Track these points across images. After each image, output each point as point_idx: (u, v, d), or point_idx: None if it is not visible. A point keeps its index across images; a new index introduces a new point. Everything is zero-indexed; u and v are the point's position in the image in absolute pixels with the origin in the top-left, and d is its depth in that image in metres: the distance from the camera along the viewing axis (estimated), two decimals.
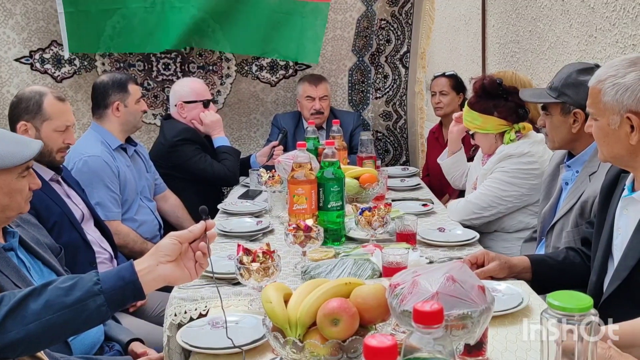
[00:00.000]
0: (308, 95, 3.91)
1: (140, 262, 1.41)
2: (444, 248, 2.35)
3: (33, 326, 1.31)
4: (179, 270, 1.43)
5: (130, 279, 1.37)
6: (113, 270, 1.41)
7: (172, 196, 3.51)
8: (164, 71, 4.10)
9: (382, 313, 1.37)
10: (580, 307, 1.10)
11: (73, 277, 1.39)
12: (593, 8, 2.97)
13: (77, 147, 2.94)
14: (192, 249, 1.46)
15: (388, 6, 4.14)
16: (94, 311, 1.34)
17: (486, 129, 2.83)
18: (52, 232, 2.29)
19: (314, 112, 3.90)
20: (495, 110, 2.79)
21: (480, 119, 2.82)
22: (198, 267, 1.46)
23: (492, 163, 2.80)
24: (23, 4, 3.80)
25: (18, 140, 1.82)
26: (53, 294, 1.34)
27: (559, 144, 2.37)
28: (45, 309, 1.32)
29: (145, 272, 1.39)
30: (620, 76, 1.64)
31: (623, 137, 1.67)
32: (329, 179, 2.35)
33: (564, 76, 2.28)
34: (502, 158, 2.76)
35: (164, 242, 1.43)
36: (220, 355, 1.55)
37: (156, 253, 1.42)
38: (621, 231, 1.77)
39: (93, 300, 1.34)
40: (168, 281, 1.42)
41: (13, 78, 3.86)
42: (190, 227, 1.46)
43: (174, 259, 1.42)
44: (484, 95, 2.80)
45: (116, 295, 1.36)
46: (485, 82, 2.80)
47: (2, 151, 1.73)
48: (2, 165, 1.73)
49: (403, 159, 4.41)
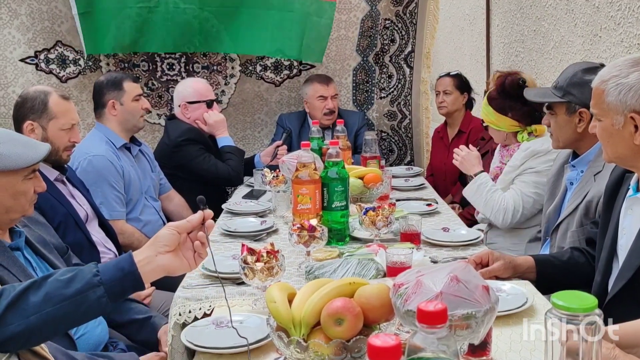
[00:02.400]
0: (320, 95, 3.89)
1: (139, 253, 1.41)
2: (448, 248, 2.35)
3: (34, 319, 1.32)
4: (177, 260, 1.43)
5: (129, 269, 1.38)
6: (112, 262, 1.41)
7: (177, 196, 3.52)
8: (169, 71, 4.11)
9: (386, 313, 1.37)
10: (585, 307, 1.09)
11: (72, 269, 1.39)
12: (598, 7, 2.96)
13: (81, 147, 2.95)
14: (190, 239, 1.46)
15: (392, 6, 4.13)
16: (94, 302, 1.35)
17: (499, 127, 2.86)
18: (57, 232, 2.30)
19: (327, 112, 3.90)
20: (510, 112, 2.79)
21: (495, 116, 2.84)
22: (197, 257, 1.47)
23: (519, 160, 2.78)
24: (28, 5, 3.81)
25: (26, 143, 1.82)
26: (53, 286, 1.35)
27: (563, 143, 2.36)
28: (46, 302, 1.33)
29: (144, 262, 1.39)
30: (624, 76, 1.64)
31: (627, 137, 1.66)
32: (333, 179, 2.35)
33: (569, 75, 2.27)
34: (529, 155, 2.74)
35: (163, 233, 1.43)
36: (224, 355, 1.55)
37: (155, 244, 1.42)
38: (626, 231, 1.76)
39: (93, 291, 1.34)
40: (167, 271, 1.42)
41: (18, 78, 3.87)
42: (188, 217, 1.46)
43: (172, 249, 1.43)
44: (502, 93, 2.80)
45: (116, 287, 1.36)
46: (506, 81, 2.79)
47: (10, 153, 1.74)
48: (8, 166, 1.74)
49: (407, 159, 4.41)
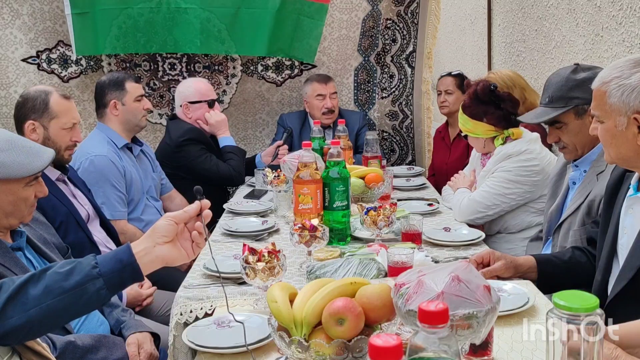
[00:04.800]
0: (319, 93, 3.90)
1: (137, 244, 1.42)
2: (449, 248, 2.35)
3: (34, 311, 1.32)
4: (176, 250, 1.44)
5: (128, 261, 1.38)
6: (110, 253, 1.41)
7: (178, 196, 3.52)
8: (170, 71, 4.11)
9: (388, 313, 1.37)
10: (586, 307, 1.09)
11: (71, 261, 1.40)
12: (599, 7, 2.95)
13: (83, 147, 2.96)
14: (187, 229, 1.46)
15: (394, 6, 4.14)
16: (94, 294, 1.35)
17: (476, 133, 2.88)
18: (59, 231, 2.30)
19: (326, 111, 3.90)
20: (484, 117, 2.80)
21: (471, 123, 2.85)
22: (195, 247, 1.47)
23: (492, 164, 2.81)
24: (30, 5, 3.81)
25: (29, 150, 1.80)
26: (52, 279, 1.35)
27: (581, 150, 2.28)
28: (45, 294, 1.33)
29: (142, 253, 1.39)
30: (625, 77, 1.63)
31: (630, 138, 1.66)
32: (334, 179, 2.35)
33: (559, 84, 2.24)
34: (501, 158, 2.77)
35: (160, 224, 1.43)
36: (225, 355, 1.55)
37: (153, 234, 1.42)
38: (627, 231, 1.76)
39: (92, 283, 1.35)
40: (166, 262, 1.43)
41: (20, 78, 3.88)
42: (185, 208, 1.46)
43: (170, 240, 1.43)
44: (475, 99, 2.82)
45: (115, 278, 1.37)
46: (477, 88, 2.81)
47: (11, 162, 1.73)
48: (10, 175, 1.73)
49: (409, 159, 4.41)
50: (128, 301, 2.48)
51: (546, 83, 2.33)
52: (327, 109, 3.90)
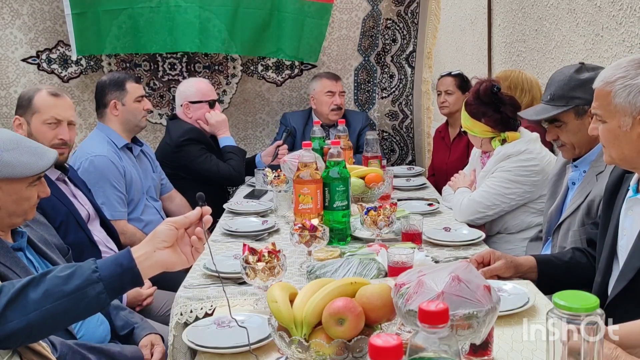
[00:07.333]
0: (329, 90, 3.91)
1: (137, 248, 1.42)
2: (449, 248, 2.35)
3: (33, 315, 1.32)
4: (175, 255, 1.44)
5: (128, 265, 1.38)
6: (111, 258, 1.42)
7: (178, 196, 3.52)
8: (170, 71, 4.11)
9: (388, 313, 1.37)
10: (586, 307, 1.09)
11: (71, 265, 1.40)
12: (599, 7, 2.96)
13: (83, 147, 2.95)
14: (187, 235, 1.47)
15: (394, 6, 4.14)
16: (93, 299, 1.35)
17: (473, 132, 2.89)
18: (59, 231, 2.30)
19: (335, 108, 3.91)
20: (483, 118, 2.82)
21: (470, 121, 2.87)
22: (194, 252, 1.47)
23: (492, 164, 2.82)
24: (30, 5, 3.81)
25: (34, 150, 1.81)
26: (52, 282, 1.35)
27: (579, 150, 2.29)
28: (45, 298, 1.33)
29: (142, 258, 1.40)
30: (631, 77, 1.62)
31: (635, 139, 1.65)
32: (334, 179, 2.35)
33: (563, 82, 2.24)
34: (501, 158, 2.77)
35: (161, 229, 1.44)
36: (226, 355, 1.55)
37: (153, 239, 1.43)
38: (626, 232, 1.76)
39: (92, 287, 1.35)
40: (166, 267, 1.43)
41: (20, 78, 3.88)
42: (186, 213, 1.47)
43: (170, 245, 1.43)
44: (477, 99, 2.83)
45: (115, 283, 1.37)
46: (480, 87, 2.81)
47: (16, 161, 1.73)
48: (14, 175, 1.74)
49: (409, 159, 4.41)
50: (128, 301, 2.48)
51: (549, 80, 2.33)
52: (337, 106, 3.91)
